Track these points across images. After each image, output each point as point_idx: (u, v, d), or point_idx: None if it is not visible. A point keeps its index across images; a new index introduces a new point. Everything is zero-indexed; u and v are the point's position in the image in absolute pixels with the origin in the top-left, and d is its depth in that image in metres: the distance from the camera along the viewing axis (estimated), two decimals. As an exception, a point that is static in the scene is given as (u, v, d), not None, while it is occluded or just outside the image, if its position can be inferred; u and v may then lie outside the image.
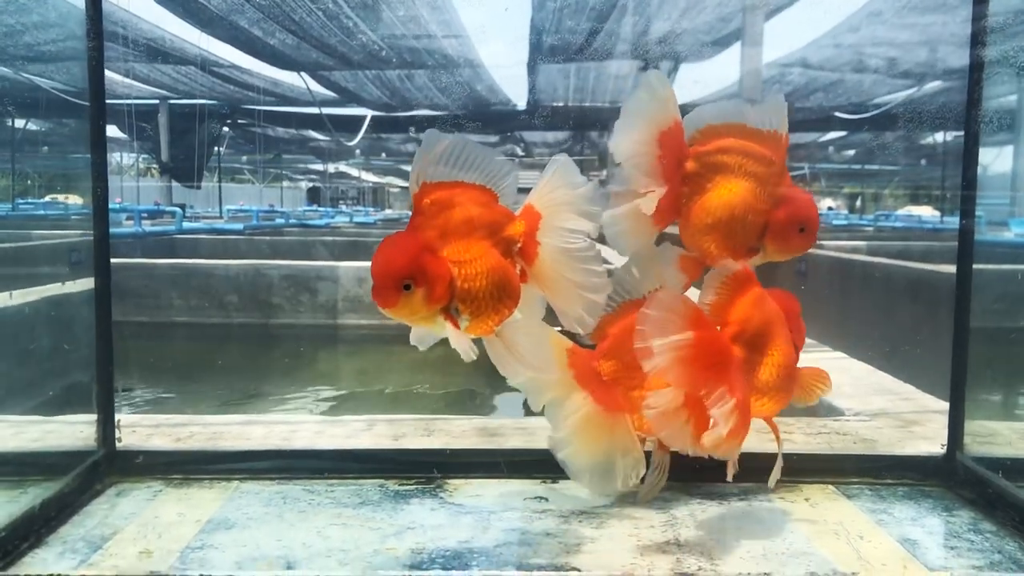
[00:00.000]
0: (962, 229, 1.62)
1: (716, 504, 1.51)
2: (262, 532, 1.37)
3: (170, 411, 5.13)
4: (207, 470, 1.62)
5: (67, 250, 6.72)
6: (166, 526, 1.38)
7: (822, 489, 1.59)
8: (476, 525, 1.40)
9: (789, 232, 1.44)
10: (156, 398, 5.44)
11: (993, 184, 14.69)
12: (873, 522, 1.43)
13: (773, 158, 1.45)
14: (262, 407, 5.22)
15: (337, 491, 1.56)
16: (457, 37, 12.05)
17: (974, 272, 1.58)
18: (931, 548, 1.33)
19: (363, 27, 11.44)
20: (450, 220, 1.19)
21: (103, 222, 1.58)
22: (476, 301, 1.20)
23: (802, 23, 11.83)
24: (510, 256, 1.29)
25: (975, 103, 1.52)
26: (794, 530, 1.39)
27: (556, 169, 1.35)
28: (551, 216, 1.32)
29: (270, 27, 11.40)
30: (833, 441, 1.86)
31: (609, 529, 1.40)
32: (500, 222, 1.27)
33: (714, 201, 1.45)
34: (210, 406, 5.07)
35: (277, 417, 1.94)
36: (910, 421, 2.04)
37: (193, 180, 18.21)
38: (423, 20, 11.08)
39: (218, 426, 1.92)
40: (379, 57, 12.61)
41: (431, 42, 12.11)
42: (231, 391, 5.62)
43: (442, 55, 12.79)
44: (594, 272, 1.34)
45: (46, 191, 19.07)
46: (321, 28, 11.43)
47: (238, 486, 1.58)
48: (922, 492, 1.58)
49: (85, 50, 1.53)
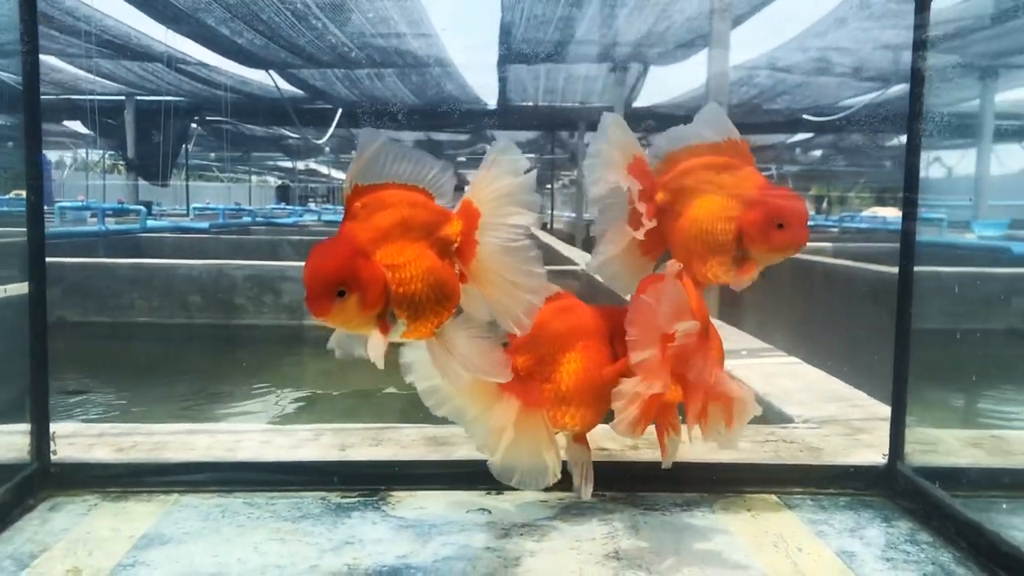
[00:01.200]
0: (904, 231, 1.63)
1: (658, 515, 1.51)
2: (198, 547, 1.35)
3: (126, 412, 5.07)
4: (146, 483, 1.59)
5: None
6: (98, 542, 1.35)
7: (765, 499, 1.59)
8: (416, 539, 1.39)
9: (766, 230, 1.42)
10: (111, 401, 5.37)
11: (958, 187, 14.90)
12: (813, 533, 1.44)
13: (737, 164, 1.46)
14: (220, 410, 5.17)
15: (278, 504, 1.54)
16: (427, 36, 12.03)
17: (937, 274, 1.60)
18: (868, 560, 1.34)
19: (332, 28, 11.37)
20: (383, 222, 1.16)
21: (38, 224, 1.54)
22: (413, 305, 1.17)
23: (768, 30, 11.92)
24: (447, 256, 1.26)
25: (916, 116, 1.53)
26: (734, 542, 1.40)
27: (495, 156, 1.30)
28: (490, 212, 1.28)
29: (238, 26, 11.30)
30: (780, 450, 1.86)
31: (550, 542, 1.39)
32: (436, 222, 1.24)
33: (683, 222, 1.48)
34: (166, 409, 5.01)
35: (223, 426, 1.92)
36: (858, 429, 2.05)
37: (160, 178, 18.00)
38: (392, 21, 11.05)
39: (162, 435, 1.89)
40: (348, 57, 12.56)
41: (400, 41, 12.08)
42: (189, 394, 5.56)
43: (412, 55, 12.76)
44: (533, 273, 1.30)
45: (12, 187, 18.75)
46: (290, 28, 11.35)
47: (177, 499, 1.55)
48: (863, 502, 1.59)
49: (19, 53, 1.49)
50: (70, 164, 30.42)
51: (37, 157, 1.55)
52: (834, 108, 17.04)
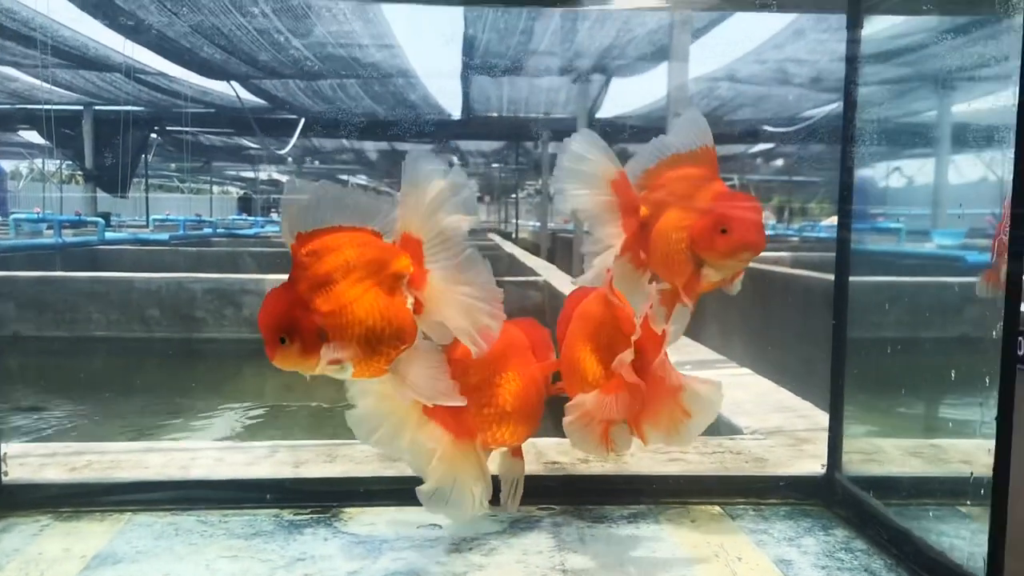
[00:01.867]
0: (840, 239, 1.67)
1: (604, 527, 1.55)
2: (150, 566, 1.36)
3: (82, 428, 5.02)
4: (99, 502, 1.60)
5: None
6: (49, 562, 1.36)
7: (708, 510, 1.64)
8: (367, 555, 1.42)
9: (710, 237, 1.41)
10: (68, 416, 5.30)
11: (917, 197, 15.17)
12: (753, 543, 1.49)
13: (699, 174, 1.45)
14: (179, 425, 5.13)
15: (231, 522, 1.55)
16: (390, 47, 12.04)
17: (899, 283, 1.64)
18: (804, 568, 1.39)
19: (295, 42, 11.33)
20: (325, 268, 1.19)
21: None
22: (351, 348, 1.20)
23: (729, 42, 12.09)
24: (398, 291, 1.27)
25: (848, 139, 1.60)
26: (675, 553, 1.44)
27: (410, 177, 1.28)
28: (430, 237, 1.29)
29: (198, 41, 11.22)
30: (726, 461, 1.92)
31: (498, 556, 1.42)
32: (382, 260, 1.25)
33: (652, 235, 1.48)
34: (124, 423, 4.97)
35: (178, 444, 1.93)
36: (802, 439, 2.11)
37: (119, 189, 17.76)
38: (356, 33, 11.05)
39: (116, 454, 1.89)
40: (309, 69, 12.52)
41: (363, 52, 12.07)
42: (147, 409, 5.50)
43: (374, 66, 12.75)
44: (486, 285, 1.32)
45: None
46: (252, 42, 11.30)
47: (131, 518, 1.56)
48: (803, 511, 1.65)
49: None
50: (26, 175, 29.91)
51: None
52: (794, 119, 17.30)
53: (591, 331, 1.42)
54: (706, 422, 1.35)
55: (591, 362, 1.39)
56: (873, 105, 1.64)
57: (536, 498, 1.62)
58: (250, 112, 16.08)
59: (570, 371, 1.45)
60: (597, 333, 1.41)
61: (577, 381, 1.41)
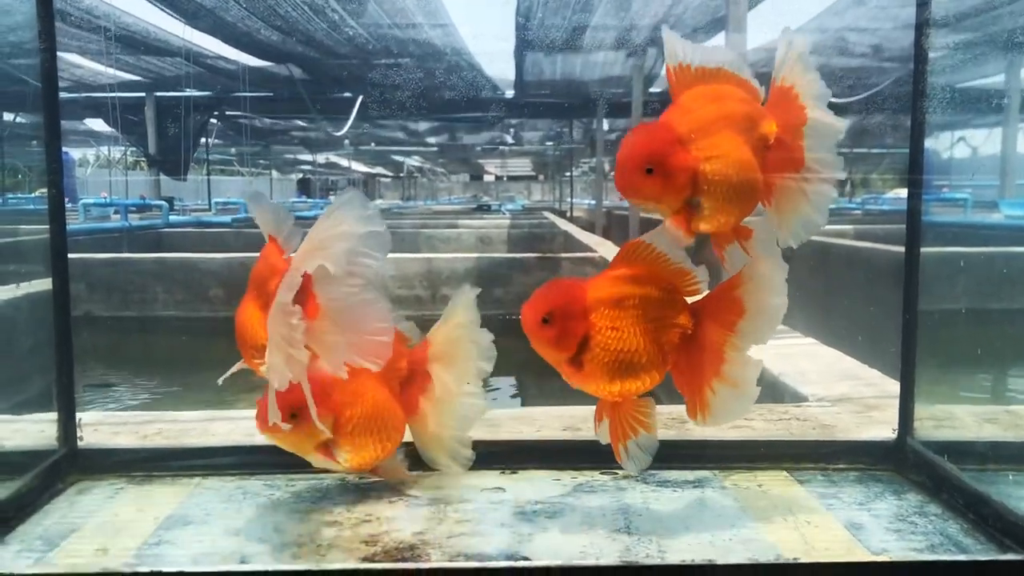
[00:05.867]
0: (910, 210, 1.63)
1: (670, 492, 1.53)
2: (219, 528, 1.39)
3: (152, 401, 5.15)
4: (169, 467, 1.63)
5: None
6: (124, 523, 1.40)
7: (776, 475, 1.61)
8: (432, 516, 1.43)
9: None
10: (135, 392, 5.45)
11: (984, 166, 14.69)
12: (823, 507, 1.46)
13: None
14: (247, 400, 5.23)
15: (297, 485, 1.58)
16: (443, 26, 12.04)
17: (964, 254, 1.60)
18: (875, 531, 1.36)
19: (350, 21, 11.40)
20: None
21: (59, 219, 1.58)
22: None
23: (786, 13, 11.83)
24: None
25: (920, 93, 1.54)
26: (743, 516, 1.42)
27: (329, 212, 1.36)
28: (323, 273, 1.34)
29: (255, 23, 11.36)
30: (792, 427, 1.88)
31: (563, 519, 1.42)
32: None
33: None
34: (190, 397, 5.08)
35: (242, 413, 1.96)
36: (871, 406, 2.06)
37: (180, 173, 18.14)
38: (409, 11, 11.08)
39: (184, 423, 1.94)
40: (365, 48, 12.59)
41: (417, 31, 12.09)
42: (213, 385, 5.61)
43: (429, 44, 12.77)
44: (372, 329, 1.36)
45: (37, 185, 19.02)
46: (308, 22, 11.41)
47: (200, 482, 1.59)
48: (873, 477, 1.60)
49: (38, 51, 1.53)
50: (93, 162, 30.75)
51: (57, 154, 1.59)
52: (855, 89, 16.85)
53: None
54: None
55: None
56: (942, 72, 1.59)
57: (599, 463, 1.61)
58: (307, 93, 16.23)
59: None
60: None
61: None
